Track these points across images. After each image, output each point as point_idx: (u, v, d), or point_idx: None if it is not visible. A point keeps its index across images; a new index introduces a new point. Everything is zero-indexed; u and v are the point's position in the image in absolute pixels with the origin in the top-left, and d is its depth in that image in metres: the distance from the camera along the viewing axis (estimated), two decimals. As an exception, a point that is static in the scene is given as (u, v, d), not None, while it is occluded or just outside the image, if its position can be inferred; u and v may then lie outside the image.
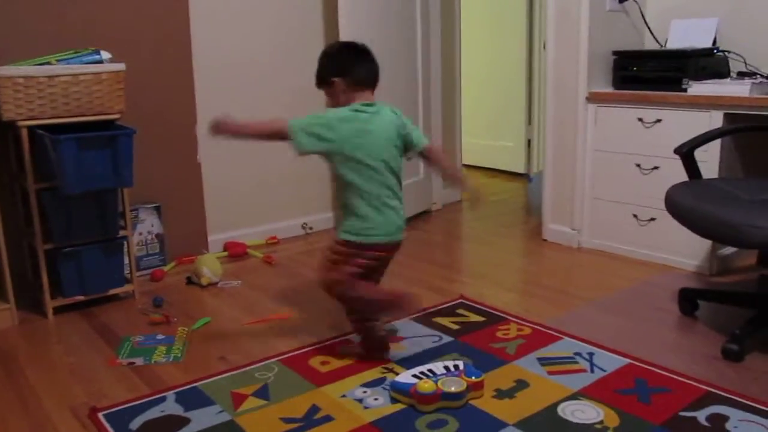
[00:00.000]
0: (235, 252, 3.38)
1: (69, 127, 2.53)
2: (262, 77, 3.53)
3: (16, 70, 2.46)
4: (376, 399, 1.94)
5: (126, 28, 2.97)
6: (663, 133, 2.97)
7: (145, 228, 3.12)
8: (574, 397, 1.92)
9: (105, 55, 2.67)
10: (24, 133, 2.51)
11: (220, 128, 2.06)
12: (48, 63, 2.55)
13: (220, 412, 1.89)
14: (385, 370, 2.11)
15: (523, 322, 2.47)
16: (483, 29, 5.35)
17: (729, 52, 3.06)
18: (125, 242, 2.80)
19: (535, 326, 2.43)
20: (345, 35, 3.23)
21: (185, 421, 1.85)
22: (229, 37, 3.38)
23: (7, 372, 2.21)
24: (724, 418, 1.80)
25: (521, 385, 2.00)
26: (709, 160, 2.77)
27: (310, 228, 3.80)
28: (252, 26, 3.45)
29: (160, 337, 2.43)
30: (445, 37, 4.25)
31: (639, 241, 3.17)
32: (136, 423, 1.84)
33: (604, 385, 1.98)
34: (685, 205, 2.25)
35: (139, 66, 2.94)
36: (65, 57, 2.60)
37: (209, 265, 2.98)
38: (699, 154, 2.52)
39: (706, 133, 2.59)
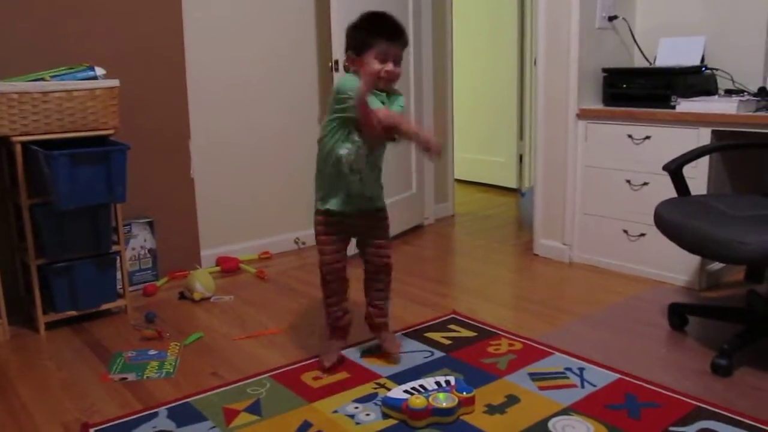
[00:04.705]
0: (227, 267, 3.38)
1: (63, 143, 2.54)
2: (255, 93, 3.55)
3: (10, 86, 2.47)
4: (367, 414, 1.94)
5: (120, 44, 2.99)
6: (652, 149, 3.01)
7: (137, 243, 3.12)
8: (564, 412, 1.93)
9: (99, 71, 2.68)
10: (18, 148, 2.52)
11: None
12: (42, 79, 2.56)
13: (212, 428, 1.89)
14: (377, 386, 2.11)
15: (514, 338, 2.48)
16: (475, 46, 5.40)
17: (717, 69, 3.11)
18: (118, 257, 2.80)
19: (526, 341, 2.44)
20: (338, 53, 3.25)
21: (177, 437, 1.85)
22: (222, 53, 3.40)
23: (-2, 388, 2.20)
24: (713, 433, 1.81)
25: (512, 400, 2.01)
26: (698, 176, 2.80)
27: (303, 243, 3.80)
28: (245, 42, 3.48)
29: (152, 352, 2.43)
30: (437, 53, 4.29)
31: (629, 257, 3.19)
32: (128, 439, 1.85)
33: (594, 401, 2.00)
34: (674, 222, 2.28)
35: (132, 82, 2.96)
36: (59, 73, 2.62)
37: (202, 280, 2.99)
38: (687, 170, 2.55)
39: (694, 150, 2.62)
